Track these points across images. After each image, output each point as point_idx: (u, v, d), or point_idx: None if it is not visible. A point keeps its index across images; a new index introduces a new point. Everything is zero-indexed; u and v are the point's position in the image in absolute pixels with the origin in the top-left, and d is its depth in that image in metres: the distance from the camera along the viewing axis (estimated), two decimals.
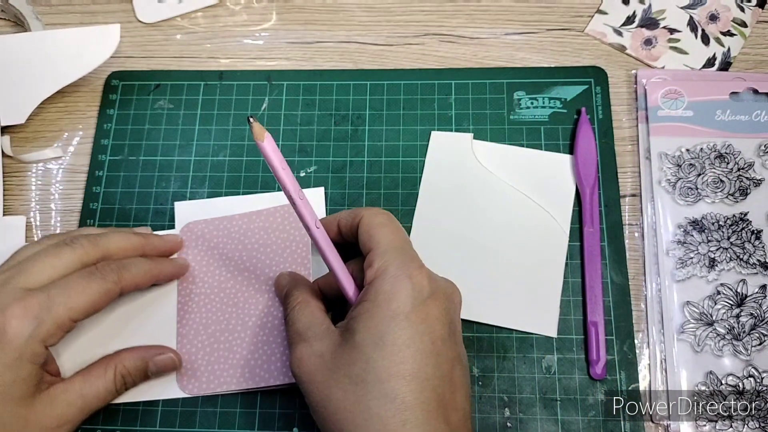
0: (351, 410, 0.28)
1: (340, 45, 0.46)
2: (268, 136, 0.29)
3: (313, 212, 0.31)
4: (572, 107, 0.43)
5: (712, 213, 0.40)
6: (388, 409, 0.27)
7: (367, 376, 0.28)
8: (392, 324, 0.28)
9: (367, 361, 0.28)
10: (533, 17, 0.47)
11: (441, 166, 0.42)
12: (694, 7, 0.46)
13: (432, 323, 0.29)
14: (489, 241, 0.40)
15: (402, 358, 0.28)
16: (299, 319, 0.33)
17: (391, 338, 0.28)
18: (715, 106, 0.42)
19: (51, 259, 0.33)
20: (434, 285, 0.30)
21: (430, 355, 0.29)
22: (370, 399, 0.27)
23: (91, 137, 0.44)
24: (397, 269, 0.30)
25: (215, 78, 0.45)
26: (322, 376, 0.29)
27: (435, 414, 0.28)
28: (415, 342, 0.28)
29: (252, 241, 0.40)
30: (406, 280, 0.29)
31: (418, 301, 0.29)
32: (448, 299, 0.31)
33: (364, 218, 0.33)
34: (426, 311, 0.29)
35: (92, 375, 0.34)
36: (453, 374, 0.30)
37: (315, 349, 0.30)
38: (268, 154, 0.29)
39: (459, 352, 0.31)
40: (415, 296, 0.29)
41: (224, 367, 0.37)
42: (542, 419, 0.36)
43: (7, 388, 0.30)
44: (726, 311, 0.38)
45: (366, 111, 0.44)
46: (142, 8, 0.48)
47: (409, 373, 0.28)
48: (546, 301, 0.38)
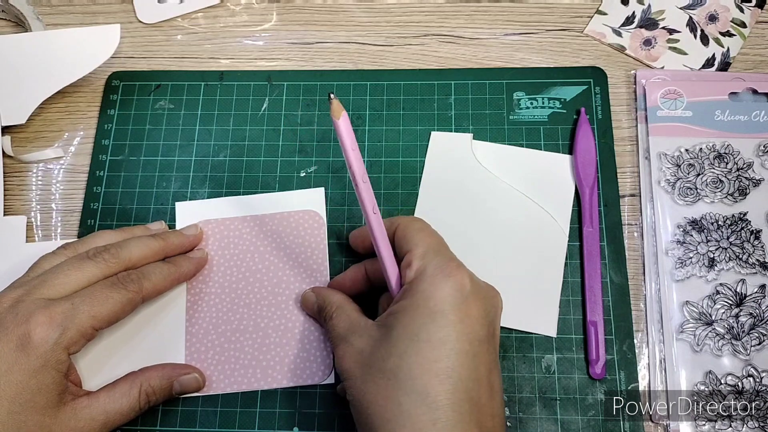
0: (382, 404, 0.27)
1: (340, 45, 0.47)
2: (344, 115, 0.28)
3: (373, 198, 0.31)
4: (572, 107, 0.43)
5: (712, 213, 0.40)
6: (418, 407, 0.27)
7: (399, 371, 0.27)
8: (429, 321, 0.28)
9: (401, 356, 0.28)
10: (533, 18, 0.47)
11: (441, 167, 0.42)
12: (694, 8, 0.46)
13: (471, 323, 0.29)
14: (489, 240, 0.40)
15: (437, 355, 0.27)
16: (338, 325, 0.33)
17: (426, 335, 0.28)
18: (714, 107, 0.42)
19: (74, 273, 0.33)
20: (475, 286, 0.30)
21: (467, 355, 0.28)
22: (401, 395, 0.27)
23: (91, 137, 0.44)
24: (435, 268, 0.30)
25: (216, 78, 0.45)
26: (360, 371, 0.29)
27: (468, 417, 0.27)
28: (452, 340, 0.28)
29: (265, 244, 0.40)
30: (446, 279, 0.29)
31: (458, 300, 0.29)
32: (489, 302, 0.30)
33: (401, 224, 0.33)
34: (466, 311, 0.29)
35: (117, 392, 0.34)
36: (490, 378, 0.29)
37: (355, 346, 0.31)
38: (342, 133, 0.28)
39: (497, 356, 0.30)
40: (454, 295, 0.29)
41: (234, 367, 0.37)
42: (542, 419, 0.36)
43: (32, 395, 0.30)
44: (725, 311, 0.38)
45: (366, 111, 0.44)
46: (142, 9, 0.48)
47: (443, 371, 0.27)
48: (545, 301, 0.38)
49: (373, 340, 0.30)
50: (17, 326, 0.30)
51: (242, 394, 0.37)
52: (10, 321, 0.31)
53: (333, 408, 0.37)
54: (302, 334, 0.38)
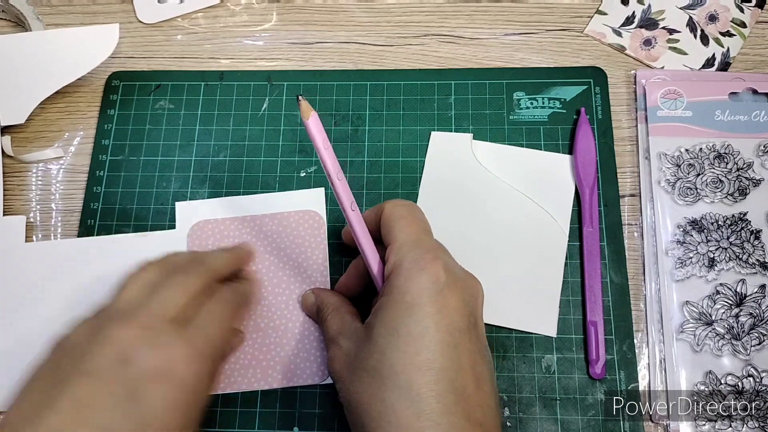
0: (368, 402, 0.28)
1: (340, 45, 0.47)
2: (314, 114, 0.28)
3: (350, 194, 0.31)
4: (572, 107, 0.43)
5: (712, 213, 0.40)
6: (402, 401, 0.26)
7: (382, 368, 0.27)
8: (407, 315, 0.28)
9: (382, 353, 0.28)
10: (533, 18, 0.47)
11: (441, 167, 0.42)
12: (694, 8, 0.46)
13: (449, 314, 0.28)
14: (489, 240, 0.40)
15: (416, 348, 0.27)
16: (331, 327, 0.33)
17: (405, 329, 0.28)
18: (714, 107, 0.42)
19: (180, 288, 0.31)
20: (452, 276, 0.29)
21: (448, 346, 0.28)
22: (384, 391, 0.27)
23: (91, 137, 0.44)
24: (411, 262, 0.29)
25: (216, 78, 0.45)
26: (347, 372, 0.30)
27: (453, 408, 0.27)
28: (431, 332, 0.27)
29: (265, 244, 0.40)
30: (421, 272, 0.29)
31: (434, 292, 0.28)
32: (467, 291, 0.30)
33: (385, 211, 0.32)
34: (443, 302, 0.28)
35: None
36: (475, 368, 0.28)
37: (344, 348, 0.31)
38: (313, 132, 0.29)
39: (481, 346, 0.30)
40: (430, 287, 0.28)
41: (234, 367, 0.37)
42: (542, 419, 0.36)
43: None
44: (725, 311, 0.38)
45: (366, 111, 0.44)
46: (142, 9, 0.48)
47: (424, 363, 0.27)
48: (546, 301, 0.38)
49: (359, 341, 0.30)
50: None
51: (242, 394, 0.37)
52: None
53: (333, 408, 0.37)
54: (302, 335, 0.38)
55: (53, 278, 0.40)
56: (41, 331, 0.39)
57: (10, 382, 0.38)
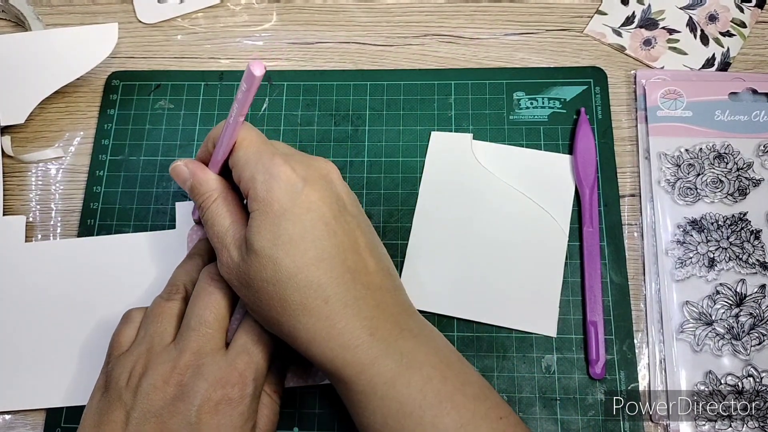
0: (277, 307, 0.29)
1: (340, 45, 0.47)
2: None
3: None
4: (571, 107, 0.43)
5: (712, 213, 0.40)
6: (308, 296, 0.29)
7: (279, 275, 0.29)
8: (281, 223, 0.29)
9: (275, 262, 0.29)
10: (532, 18, 0.47)
11: (441, 167, 0.42)
12: (694, 8, 0.46)
13: (317, 208, 0.30)
14: (489, 240, 0.40)
15: (303, 249, 0.29)
16: (217, 222, 0.32)
17: (286, 236, 0.29)
18: (714, 107, 0.42)
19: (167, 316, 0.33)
20: (304, 173, 0.30)
21: (328, 236, 0.29)
22: (290, 294, 0.29)
23: (91, 137, 0.44)
24: (263, 174, 0.30)
25: (216, 78, 0.45)
26: (241, 283, 0.30)
27: (352, 284, 0.29)
28: (309, 231, 0.29)
29: None
30: (275, 181, 0.30)
31: (295, 194, 0.29)
32: (323, 179, 0.31)
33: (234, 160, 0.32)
34: (307, 200, 0.30)
35: None
36: (357, 243, 0.31)
37: (235, 259, 0.31)
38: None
39: (355, 220, 0.32)
40: (289, 191, 0.29)
41: None
42: (542, 419, 0.36)
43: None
44: (725, 311, 0.38)
45: (366, 111, 0.44)
46: (142, 9, 0.48)
47: (315, 258, 0.29)
48: (545, 301, 0.38)
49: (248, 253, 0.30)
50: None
51: None
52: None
53: (333, 408, 0.37)
54: None
55: (53, 278, 0.40)
56: (41, 331, 0.39)
57: (11, 381, 0.38)
